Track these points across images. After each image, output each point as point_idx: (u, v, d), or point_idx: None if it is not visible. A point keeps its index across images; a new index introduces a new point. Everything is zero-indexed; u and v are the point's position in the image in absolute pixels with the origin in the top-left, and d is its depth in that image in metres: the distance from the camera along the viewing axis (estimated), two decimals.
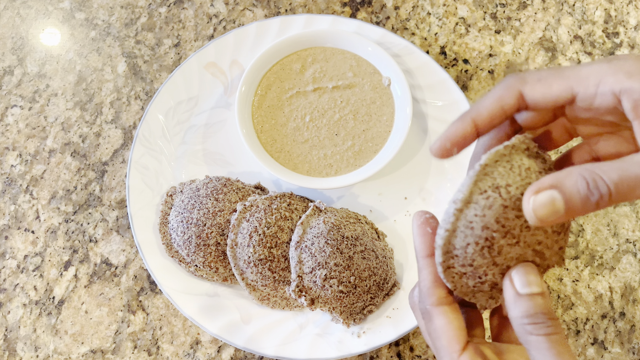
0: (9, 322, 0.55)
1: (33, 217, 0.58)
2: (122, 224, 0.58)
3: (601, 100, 0.28)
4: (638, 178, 0.25)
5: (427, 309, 0.32)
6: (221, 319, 0.52)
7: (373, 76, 0.57)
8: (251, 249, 0.50)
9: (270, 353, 0.51)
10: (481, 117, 0.30)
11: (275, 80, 0.57)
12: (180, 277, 0.54)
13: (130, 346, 0.55)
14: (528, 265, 0.30)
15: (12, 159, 0.60)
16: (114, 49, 0.64)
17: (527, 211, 0.27)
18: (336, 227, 0.50)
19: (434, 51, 0.64)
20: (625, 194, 0.25)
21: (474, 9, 0.65)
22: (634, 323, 0.54)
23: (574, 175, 0.26)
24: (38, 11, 0.66)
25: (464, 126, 0.30)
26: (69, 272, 0.57)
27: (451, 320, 0.31)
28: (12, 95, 0.63)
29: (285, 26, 0.60)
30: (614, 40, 0.64)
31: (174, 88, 0.58)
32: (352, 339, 0.51)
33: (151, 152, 0.57)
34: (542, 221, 0.27)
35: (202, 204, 0.52)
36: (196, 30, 0.64)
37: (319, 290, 0.49)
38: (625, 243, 0.57)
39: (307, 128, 0.56)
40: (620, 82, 0.27)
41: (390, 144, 0.55)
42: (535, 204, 0.27)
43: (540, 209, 0.27)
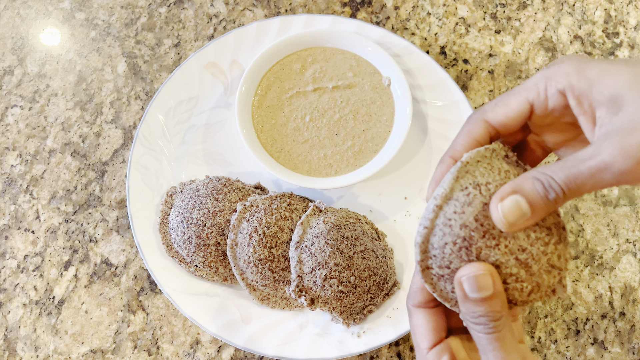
0: (9, 322, 0.56)
1: (33, 217, 0.59)
2: (122, 224, 0.58)
3: (553, 102, 0.31)
4: (582, 175, 0.27)
5: (408, 308, 0.35)
6: (221, 319, 0.52)
7: (373, 76, 0.57)
8: (251, 249, 0.50)
9: (270, 353, 0.51)
10: (459, 153, 0.33)
11: (275, 80, 0.57)
12: (180, 277, 0.54)
13: (130, 346, 0.55)
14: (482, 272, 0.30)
15: (12, 159, 0.61)
16: (114, 49, 0.64)
17: (497, 218, 0.29)
18: (336, 227, 0.50)
19: (434, 51, 0.64)
20: (575, 190, 0.27)
21: (474, 9, 0.65)
22: (634, 323, 0.55)
23: (530, 179, 0.28)
24: (38, 11, 0.66)
25: (447, 166, 0.33)
26: (69, 272, 0.57)
27: (427, 321, 0.34)
28: (12, 95, 0.63)
29: (285, 26, 0.60)
30: (614, 40, 0.64)
31: (174, 88, 0.58)
32: (352, 339, 0.51)
33: (151, 152, 0.57)
34: (513, 225, 0.29)
35: (202, 204, 0.52)
36: (196, 30, 0.64)
37: (319, 290, 0.49)
38: (625, 243, 0.57)
39: (307, 128, 0.56)
40: (561, 82, 0.30)
41: (390, 144, 0.55)
42: (503, 209, 0.29)
43: (509, 214, 0.29)
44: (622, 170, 0.26)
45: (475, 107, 0.61)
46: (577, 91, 0.29)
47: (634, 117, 0.26)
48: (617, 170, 0.26)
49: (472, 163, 0.32)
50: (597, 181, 0.27)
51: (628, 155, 0.26)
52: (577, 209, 0.58)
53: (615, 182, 0.27)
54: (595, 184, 0.27)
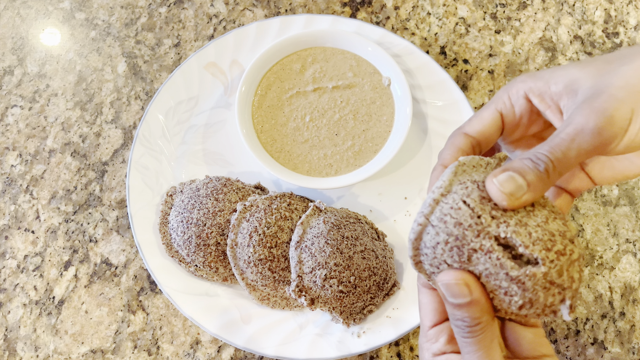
0: (9, 322, 0.56)
1: (33, 217, 0.59)
2: (122, 224, 0.58)
3: (519, 107, 0.34)
4: (563, 142, 0.29)
5: (418, 286, 0.36)
6: (221, 319, 0.52)
7: (373, 76, 0.57)
8: (251, 249, 0.50)
9: (270, 353, 0.51)
10: (448, 162, 0.35)
11: (275, 80, 0.57)
12: (180, 277, 0.54)
13: (130, 346, 0.55)
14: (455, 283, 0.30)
15: (12, 159, 0.61)
16: (114, 49, 0.64)
17: (494, 191, 0.30)
18: (336, 227, 0.50)
19: (434, 51, 0.64)
20: (562, 158, 0.29)
21: (474, 9, 0.65)
22: (634, 323, 0.55)
23: (518, 159, 0.30)
24: (38, 11, 0.66)
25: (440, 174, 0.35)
26: (69, 272, 0.57)
27: (432, 300, 0.35)
28: (12, 95, 0.63)
29: (285, 26, 0.60)
30: (614, 40, 0.64)
31: (174, 88, 0.58)
32: (352, 339, 0.51)
33: (151, 152, 0.57)
34: (512, 195, 0.29)
35: (202, 204, 0.52)
36: (196, 30, 0.64)
37: (319, 290, 0.49)
38: (625, 243, 0.57)
39: (307, 128, 0.56)
40: (521, 88, 0.33)
41: (390, 144, 0.55)
42: (499, 181, 0.30)
43: (505, 184, 0.29)
44: (597, 127, 0.28)
45: (475, 107, 0.61)
46: (537, 90, 0.33)
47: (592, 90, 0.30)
48: (592, 128, 0.29)
49: (468, 165, 0.32)
50: (578, 145, 0.29)
51: (598, 112, 0.29)
52: (577, 209, 0.58)
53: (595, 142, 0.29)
54: (579, 149, 0.29)
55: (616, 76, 0.30)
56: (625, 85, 0.29)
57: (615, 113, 0.29)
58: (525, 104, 0.34)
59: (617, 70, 0.30)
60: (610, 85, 0.30)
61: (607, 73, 0.30)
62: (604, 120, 0.29)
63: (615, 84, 0.29)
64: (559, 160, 0.29)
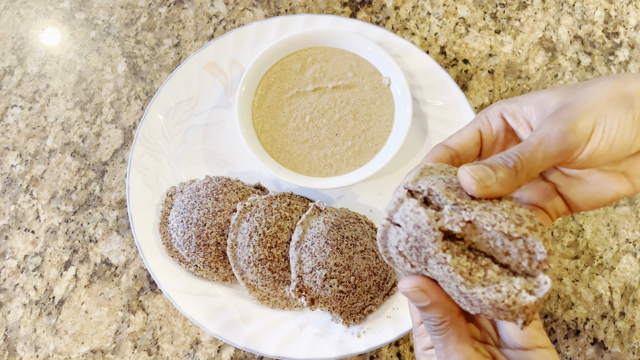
0: (9, 322, 0.56)
1: (33, 217, 0.59)
2: (122, 224, 0.58)
3: (495, 125, 0.37)
4: (531, 144, 0.32)
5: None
6: (221, 319, 0.52)
7: (373, 76, 0.57)
8: (251, 249, 0.50)
9: (270, 353, 0.51)
10: None
11: (275, 80, 0.57)
12: (180, 277, 0.54)
13: (130, 346, 0.55)
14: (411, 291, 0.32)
15: (12, 159, 0.60)
16: (114, 49, 0.64)
17: (464, 176, 0.31)
18: (336, 227, 0.50)
19: (434, 51, 0.64)
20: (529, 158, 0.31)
21: (474, 9, 0.65)
22: (634, 323, 0.54)
23: (490, 158, 0.33)
24: (38, 11, 0.66)
25: None
26: (69, 272, 0.57)
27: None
28: (12, 95, 0.63)
29: (285, 26, 0.60)
30: (614, 40, 0.64)
31: (174, 88, 0.58)
32: (352, 339, 0.51)
33: (151, 152, 0.57)
34: (482, 181, 0.31)
35: (202, 204, 0.52)
36: (196, 30, 0.64)
37: (319, 290, 0.49)
38: (625, 243, 0.57)
39: (307, 128, 0.56)
40: (497, 109, 0.37)
41: (390, 144, 0.55)
42: (470, 168, 0.31)
43: (477, 171, 0.31)
44: (561, 132, 0.31)
45: (475, 107, 0.61)
46: (510, 110, 0.36)
47: (558, 106, 0.33)
48: (556, 133, 0.31)
49: (436, 169, 0.33)
50: (545, 148, 0.31)
51: (562, 120, 0.31)
52: None
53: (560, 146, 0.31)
54: (545, 151, 0.31)
55: (580, 93, 0.33)
56: (589, 100, 0.32)
57: (577, 121, 0.31)
58: (500, 122, 0.37)
59: (581, 90, 0.33)
60: (575, 100, 0.32)
61: (572, 93, 0.33)
62: (567, 127, 0.31)
63: (579, 99, 0.32)
64: (527, 160, 0.31)
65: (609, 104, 0.32)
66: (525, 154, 0.32)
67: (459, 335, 0.33)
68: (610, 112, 0.32)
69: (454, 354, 0.33)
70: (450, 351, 0.33)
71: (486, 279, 0.30)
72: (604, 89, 0.32)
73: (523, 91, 0.62)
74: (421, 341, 0.37)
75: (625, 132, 0.32)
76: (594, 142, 0.32)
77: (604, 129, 0.31)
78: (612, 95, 0.32)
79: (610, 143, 0.32)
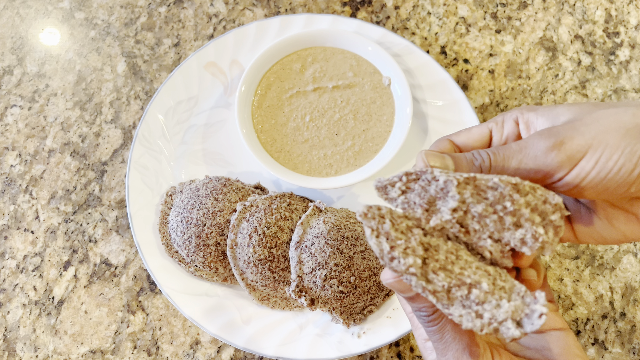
0: (8, 322, 0.55)
1: (33, 217, 0.58)
2: (121, 224, 0.58)
3: (507, 129, 0.35)
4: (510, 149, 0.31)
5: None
6: (221, 319, 0.52)
7: (373, 76, 0.57)
8: (251, 249, 0.50)
9: (270, 353, 0.51)
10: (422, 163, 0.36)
11: (275, 80, 0.57)
12: (180, 277, 0.53)
13: (130, 346, 0.54)
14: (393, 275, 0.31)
15: (12, 159, 0.60)
16: (114, 49, 0.64)
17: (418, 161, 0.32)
18: (336, 227, 0.50)
19: (434, 51, 0.63)
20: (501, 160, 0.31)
21: (474, 8, 0.65)
22: (635, 323, 0.54)
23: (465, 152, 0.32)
24: (38, 11, 0.66)
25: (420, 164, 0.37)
26: (69, 272, 0.57)
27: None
28: (12, 95, 0.63)
29: (285, 26, 0.60)
30: (615, 40, 0.64)
31: (174, 88, 0.58)
32: (352, 339, 0.51)
33: (151, 152, 0.57)
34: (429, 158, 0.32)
35: (202, 204, 0.52)
36: (196, 30, 0.64)
37: (319, 290, 0.49)
38: (625, 243, 0.57)
39: (307, 128, 0.56)
40: (515, 113, 0.35)
41: (390, 144, 0.55)
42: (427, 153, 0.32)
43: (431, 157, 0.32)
44: (545, 147, 0.29)
45: (476, 107, 0.61)
46: (526, 118, 0.34)
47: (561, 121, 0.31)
48: (540, 147, 0.29)
49: None
50: (522, 158, 0.30)
51: (551, 136, 0.29)
52: None
53: (539, 161, 0.29)
54: (521, 161, 0.30)
55: (590, 115, 0.30)
56: (593, 123, 0.29)
57: (567, 141, 0.29)
58: (513, 128, 0.35)
59: (594, 111, 0.30)
60: (579, 120, 0.30)
61: (586, 112, 0.30)
62: (552, 144, 0.29)
63: (584, 120, 0.30)
64: (498, 163, 0.31)
65: (616, 132, 0.28)
66: (498, 156, 0.31)
67: (454, 323, 0.31)
68: (614, 140, 0.28)
69: (452, 344, 0.31)
70: (448, 341, 0.31)
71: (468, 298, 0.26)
72: (617, 115, 0.29)
73: (523, 91, 0.62)
74: (421, 333, 0.35)
75: (626, 166, 0.28)
76: (583, 169, 0.29)
77: (600, 156, 0.28)
78: (624, 123, 0.28)
79: (605, 174, 0.28)
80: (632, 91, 0.62)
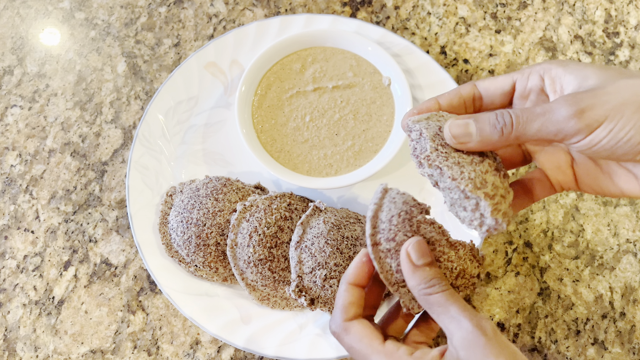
0: (8, 322, 0.55)
1: (33, 217, 0.58)
2: (122, 224, 0.58)
3: (532, 82, 0.36)
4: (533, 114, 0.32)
5: (341, 325, 0.37)
6: (221, 319, 0.52)
7: (373, 76, 0.57)
8: (251, 249, 0.50)
9: (270, 353, 0.51)
10: (443, 97, 0.38)
11: (275, 80, 0.57)
12: (180, 277, 0.53)
13: (130, 346, 0.54)
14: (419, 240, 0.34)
15: (12, 159, 0.60)
16: (114, 49, 0.64)
17: (445, 131, 0.34)
18: (336, 227, 0.50)
19: (434, 51, 0.64)
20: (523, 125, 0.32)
21: (474, 8, 0.65)
22: (634, 323, 0.54)
23: (489, 112, 0.33)
24: (38, 11, 0.66)
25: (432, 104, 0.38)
26: (69, 272, 0.57)
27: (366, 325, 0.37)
28: (12, 95, 0.63)
29: (285, 26, 0.60)
30: (614, 40, 0.64)
31: (174, 88, 0.58)
32: None
33: (151, 152, 0.57)
34: (457, 138, 0.33)
35: (202, 204, 0.52)
36: (196, 30, 0.64)
37: (319, 290, 0.49)
38: (625, 243, 0.57)
39: (307, 128, 0.56)
40: (543, 67, 0.35)
41: (390, 143, 0.55)
42: (451, 124, 0.34)
43: (454, 128, 0.33)
44: (567, 114, 0.31)
45: None
46: (553, 74, 0.35)
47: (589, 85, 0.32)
48: (563, 114, 0.31)
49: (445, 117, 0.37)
50: (543, 122, 0.31)
51: (574, 102, 0.31)
52: (578, 209, 0.58)
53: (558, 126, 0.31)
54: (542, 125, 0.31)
55: (614, 84, 0.31)
56: (614, 93, 0.31)
57: (587, 109, 0.30)
58: (538, 82, 0.36)
59: (618, 80, 0.31)
60: (603, 88, 0.31)
61: (611, 79, 0.32)
62: (574, 111, 0.30)
63: (607, 88, 0.31)
64: (520, 126, 0.32)
65: (632, 105, 0.30)
66: (521, 119, 0.32)
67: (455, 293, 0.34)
68: (629, 113, 0.30)
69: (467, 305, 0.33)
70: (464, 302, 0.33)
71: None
72: (636, 87, 0.31)
73: None
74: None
75: (635, 138, 0.31)
76: (597, 136, 0.31)
77: (614, 127, 0.30)
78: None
79: (614, 143, 0.31)
80: None
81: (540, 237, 0.57)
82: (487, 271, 0.56)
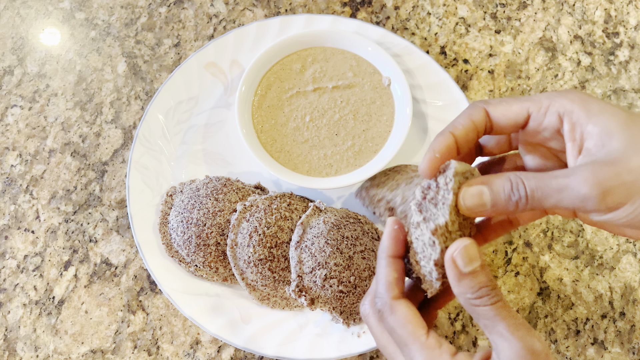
0: (9, 322, 0.56)
1: (33, 217, 0.58)
2: (122, 224, 0.58)
3: (549, 121, 0.32)
4: (549, 188, 0.29)
5: (388, 303, 0.34)
6: (221, 319, 0.52)
7: (373, 76, 0.57)
8: (251, 249, 0.50)
9: (270, 353, 0.51)
10: (457, 130, 0.34)
11: (275, 80, 0.57)
12: (180, 277, 0.54)
13: (130, 346, 0.55)
14: (468, 242, 0.31)
15: (12, 159, 0.60)
16: (114, 49, 0.64)
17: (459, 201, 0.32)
18: (336, 227, 0.50)
19: (434, 51, 0.64)
20: (538, 200, 0.30)
21: (474, 8, 0.65)
22: (634, 323, 0.55)
23: (504, 177, 0.31)
24: (38, 11, 0.66)
25: (445, 139, 0.34)
26: (69, 272, 0.57)
27: (412, 309, 0.33)
28: (12, 95, 0.63)
29: (285, 26, 0.60)
30: (614, 40, 0.64)
31: (174, 88, 0.58)
32: (352, 339, 0.51)
33: (151, 152, 0.57)
34: (470, 210, 0.32)
35: (202, 204, 0.52)
36: (196, 30, 0.64)
37: (319, 290, 0.49)
38: (625, 243, 0.57)
39: (307, 128, 0.56)
40: (564, 106, 0.32)
41: (390, 144, 0.55)
42: (465, 193, 0.32)
43: (468, 199, 0.31)
44: (585, 196, 0.28)
45: None
46: (575, 118, 0.31)
47: (615, 153, 0.29)
48: (581, 194, 0.28)
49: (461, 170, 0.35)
50: (561, 198, 0.29)
51: (597, 183, 0.28)
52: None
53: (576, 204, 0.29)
54: (559, 201, 0.29)
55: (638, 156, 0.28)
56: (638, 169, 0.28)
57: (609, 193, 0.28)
58: (555, 122, 0.32)
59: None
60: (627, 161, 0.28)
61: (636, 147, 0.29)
62: (595, 194, 0.28)
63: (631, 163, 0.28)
64: (535, 199, 0.30)
65: None
66: (537, 193, 0.30)
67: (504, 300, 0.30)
68: None
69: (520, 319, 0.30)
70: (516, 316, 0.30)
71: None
72: None
73: (523, 91, 0.62)
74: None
75: None
76: (616, 215, 0.29)
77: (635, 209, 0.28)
78: None
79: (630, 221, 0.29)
80: (632, 91, 0.62)
81: (540, 237, 0.57)
82: None
